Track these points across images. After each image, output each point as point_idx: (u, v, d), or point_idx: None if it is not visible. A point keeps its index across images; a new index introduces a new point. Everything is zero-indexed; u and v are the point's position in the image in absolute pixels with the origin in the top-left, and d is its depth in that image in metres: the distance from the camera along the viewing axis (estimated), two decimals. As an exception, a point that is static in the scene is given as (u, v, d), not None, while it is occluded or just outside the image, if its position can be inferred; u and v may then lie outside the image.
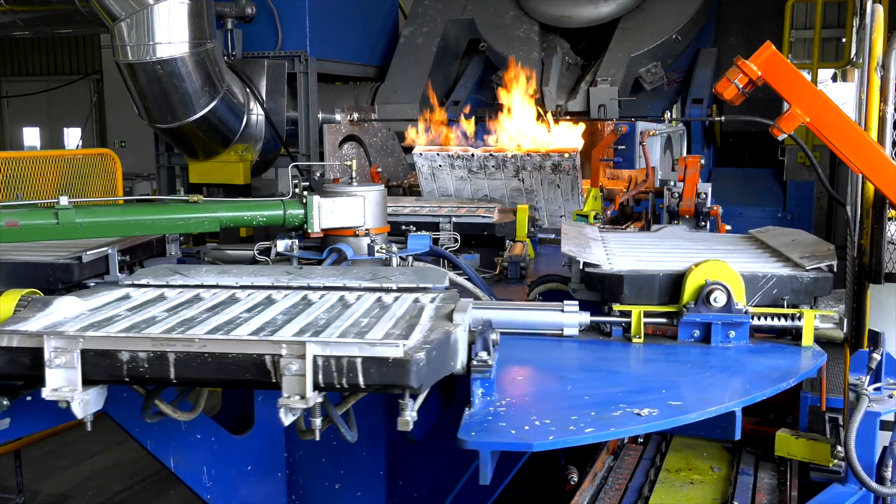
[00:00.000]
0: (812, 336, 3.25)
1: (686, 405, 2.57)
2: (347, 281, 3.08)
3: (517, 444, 2.34)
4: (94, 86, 18.08)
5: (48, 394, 2.16)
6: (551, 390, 2.75)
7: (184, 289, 3.03)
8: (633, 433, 2.59)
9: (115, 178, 6.85)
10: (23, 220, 3.55)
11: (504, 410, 2.48)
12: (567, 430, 2.35)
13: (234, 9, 8.08)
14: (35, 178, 6.18)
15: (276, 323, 2.51)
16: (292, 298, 2.89)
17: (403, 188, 6.84)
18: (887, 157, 3.34)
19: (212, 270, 3.26)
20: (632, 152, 6.19)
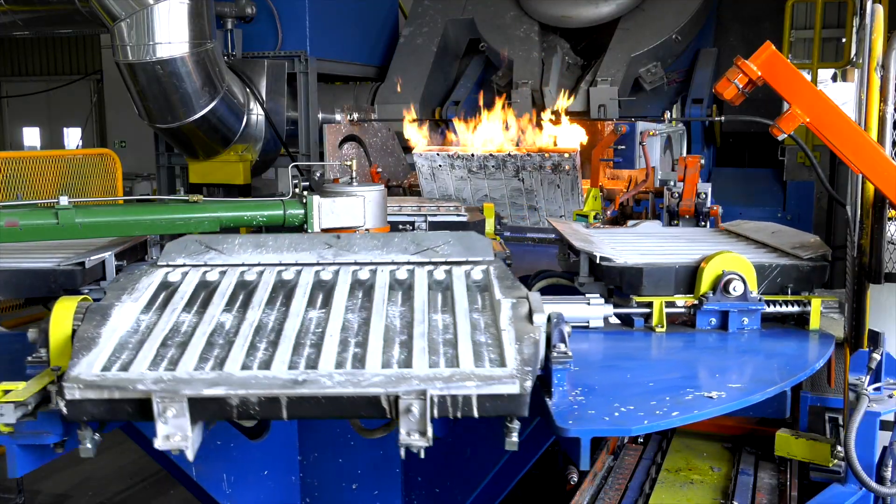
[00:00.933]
0: (819, 320, 3.49)
1: (746, 387, 2.74)
2: (394, 255, 2.96)
3: (616, 430, 2.55)
4: (94, 86, 18.08)
5: (161, 444, 2.09)
6: (614, 379, 2.84)
7: (225, 268, 2.88)
8: (713, 414, 2.66)
9: (115, 178, 6.85)
10: (23, 220, 3.55)
11: (583, 399, 2.59)
12: (655, 415, 2.48)
13: (234, 9, 8.08)
14: (35, 178, 6.18)
15: (353, 328, 2.47)
16: (345, 280, 2.78)
17: (403, 188, 6.84)
18: (887, 157, 3.34)
19: (246, 244, 3.02)
20: (632, 152, 6.19)
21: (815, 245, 3.78)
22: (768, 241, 3.93)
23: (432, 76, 8.39)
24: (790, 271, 3.47)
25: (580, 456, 2.38)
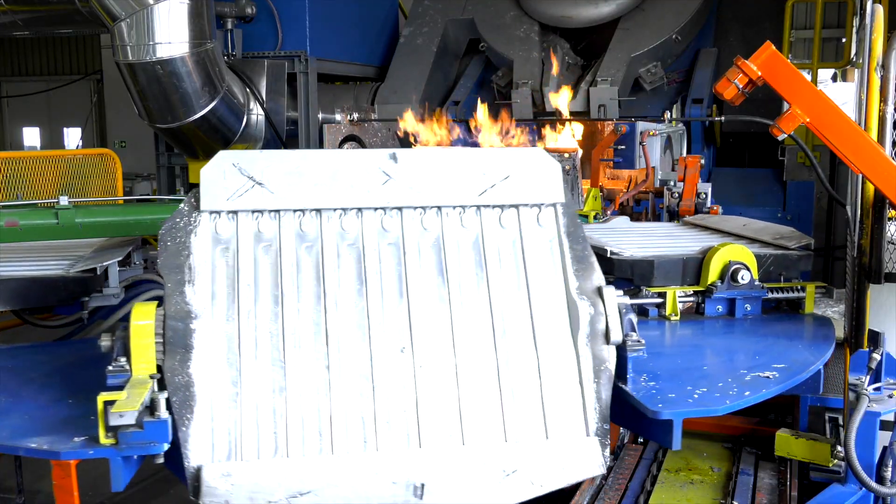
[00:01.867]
0: (812, 304, 3.74)
1: (790, 367, 2.97)
2: (460, 193, 2.60)
3: (705, 411, 2.60)
4: (94, 86, 18.08)
5: None
6: (669, 365, 2.95)
7: (277, 214, 2.54)
8: (777, 392, 2.85)
9: (115, 178, 6.85)
10: (23, 219, 3.56)
11: (655, 384, 2.70)
12: (730, 395, 2.64)
13: (234, 9, 8.08)
14: (35, 178, 6.18)
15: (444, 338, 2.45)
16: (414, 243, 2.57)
17: None
18: (887, 157, 3.34)
19: (292, 174, 2.54)
20: (632, 152, 6.19)
21: (795, 235, 4.01)
22: (744, 233, 4.11)
23: (432, 76, 8.39)
24: (782, 260, 3.70)
25: (673, 438, 2.49)
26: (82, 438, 2.29)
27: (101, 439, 2.24)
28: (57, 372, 2.96)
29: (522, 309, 2.55)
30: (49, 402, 2.62)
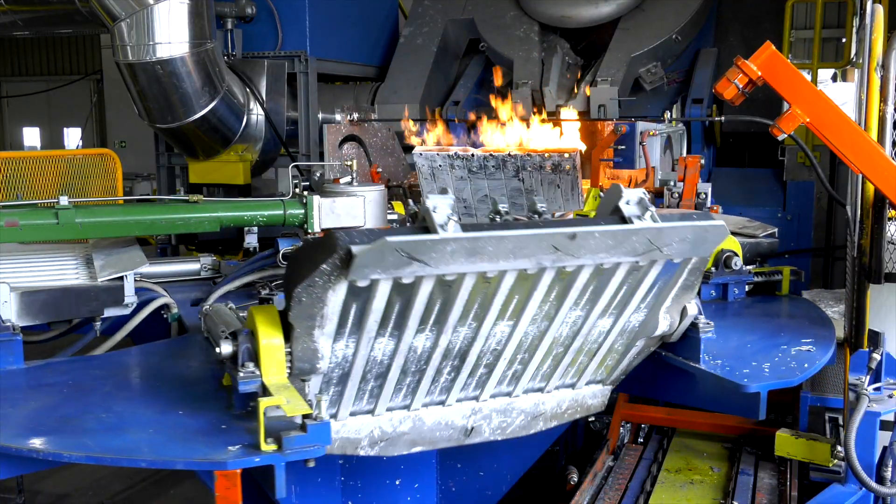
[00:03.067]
0: (788, 286, 4.14)
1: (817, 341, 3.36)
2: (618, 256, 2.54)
3: (785, 382, 2.93)
4: (94, 86, 18.07)
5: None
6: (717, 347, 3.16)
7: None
8: (826, 361, 3.19)
9: (115, 178, 6.82)
10: (23, 219, 3.55)
11: (721, 362, 2.98)
12: (792, 368, 3.02)
13: (234, 9, 8.07)
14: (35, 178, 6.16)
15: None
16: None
17: (403, 188, 6.83)
18: (887, 157, 3.34)
19: (458, 251, 2.30)
20: (632, 152, 6.18)
21: (757, 225, 4.48)
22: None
23: (432, 76, 8.38)
24: (755, 247, 4.13)
25: (760, 409, 2.81)
26: (237, 447, 2.26)
27: (262, 446, 2.21)
28: (142, 382, 2.92)
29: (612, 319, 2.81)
30: (159, 413, 2.58)
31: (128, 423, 2.49)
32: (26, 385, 2.83)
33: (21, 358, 2.95)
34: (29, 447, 2.26)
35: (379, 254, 2.23)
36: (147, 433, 2.42)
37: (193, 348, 3.25)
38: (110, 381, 2.91)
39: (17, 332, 2.98)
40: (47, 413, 2.57)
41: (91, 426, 2.46)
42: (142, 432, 2.42)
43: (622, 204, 2.56)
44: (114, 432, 2.41)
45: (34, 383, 2.85)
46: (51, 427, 2.45)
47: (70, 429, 2.44)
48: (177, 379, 2.93)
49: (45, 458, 2.27)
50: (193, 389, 2.80)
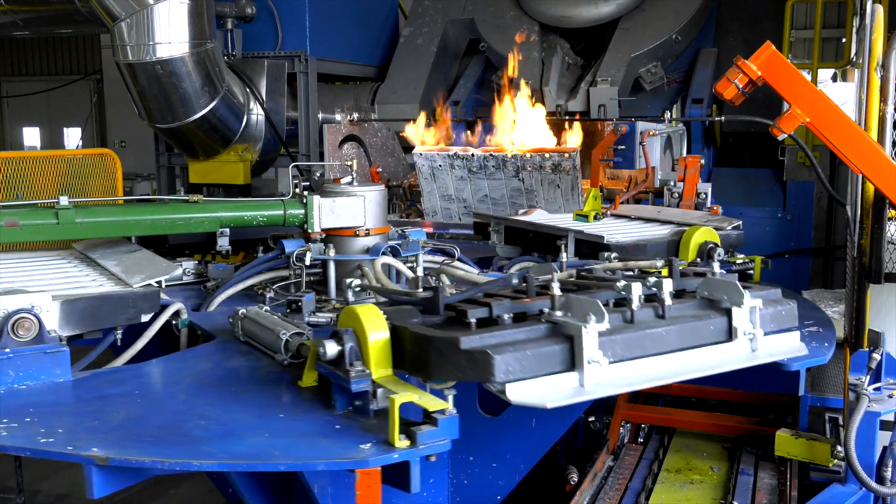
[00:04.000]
0: (759, 275, 4.13)
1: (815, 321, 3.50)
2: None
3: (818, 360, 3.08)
4: (94, 86, 18.08)
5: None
6: None
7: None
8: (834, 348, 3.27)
9: (115, 178, 6.83)
10: (23, 220, 3.55)
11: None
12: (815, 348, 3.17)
13: (234, 9, 8.07)
14: (35, 178, 6.17)
15: None
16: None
17: (403, 188, 6.83)
18: (887, 157, 3.34)
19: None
20: (632, 152, 6.19)
21: (720, 218, 4.59)
22: (671, 219, 4.62)
23: (432, 76, 8.39)
24: (726, 239, 4.16)
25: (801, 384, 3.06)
26: (369, 445, 2.26)
27: (395, 442, 2.23)
28: (211, 389, 2.83)
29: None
30: (257, 417, 2.55)
31: (237, 429, 2.44)
32: (90, 396, 2.71)
33: (69, 370, 2.84)
34: (153, 458, 2.19)
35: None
36: (264, 437, 2.37)
37: (232, 352, 3.18)
38: (176, 389, 2.83)
39: (64, 343, 2.86)
40: (139, 423, 2.48)
41: (199, 434, 2.39)
42: (258, 437, 2.38)
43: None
44: (230, 438, 2.36)
45: (95, 394, 2.73)
46: (157, 437, 2.36)
47: (178, 438, 2.36)
48: (244, 383, 2.86)
49: (172, 468, 2.19)
50: (271, 392, 2.76)
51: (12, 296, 2.82)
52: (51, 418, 2.49)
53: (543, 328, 2.47)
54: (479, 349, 2.30)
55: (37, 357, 2.78)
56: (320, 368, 2.57)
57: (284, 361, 2.95)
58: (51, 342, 2.81)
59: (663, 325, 2.61)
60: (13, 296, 2.82)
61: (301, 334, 2.97)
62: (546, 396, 2.33)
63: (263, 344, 3.11)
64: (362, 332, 2.44)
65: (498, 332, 2.40)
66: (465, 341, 2.31)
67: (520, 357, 2.33)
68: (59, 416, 2.53)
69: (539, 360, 2.36)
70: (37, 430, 2.39)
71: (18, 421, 2.46)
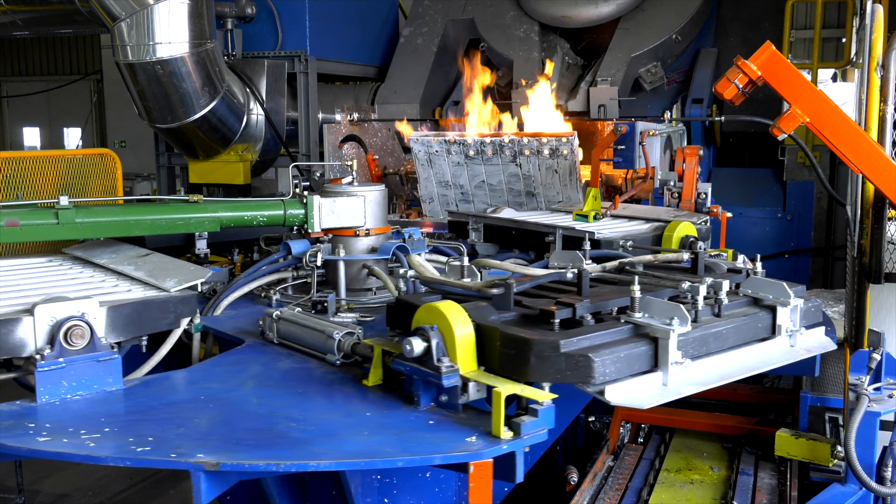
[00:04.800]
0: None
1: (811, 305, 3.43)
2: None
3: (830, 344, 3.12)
4: (94, 86, 18.07)
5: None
6: None
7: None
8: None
9: (115, 178, 6.82)
10: (23, 219, 3.55)
11: None
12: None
13: (234, 9, 8.07)
14: (35, 178, 6.16)
15: None
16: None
17: (400, 175, 6.83)
18: (887, 157, 3.34)
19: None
20: (632, 152, 6.18)
21: (688, 213, 4.90)
22: (636, 215, 4.90)
23: (432, 76, 8.39)
24: (699, 232, 4.40)
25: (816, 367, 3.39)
26: (474, 438, 2.33)
27: (500, 433, 2.29)
28: (278, 391, 2.81)
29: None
30: (345, 416, 2.58)
31: (334, 429, 2.45)
32: (159, 404, 2.66)
33: (120, 378, 2.77)
34: (268, 461, 2.20)
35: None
36: (364, 435, 2.39)
37: (273, 355, 3.17)
38: (242, 393, 2.79)
39: (115, 350, 2.78)
40: (228, 427, 2.46)
41: (298, 435, 2.39)
42: (359, 435, 2.40)
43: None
44: (333, 438, 2.37)
45: (163, 401, 2.68)
46: (257, 440, 2.35)
47: (280, 440, 2.36)
48: (307, 383, 2.85)
49: (288, 469, 2.22)
50: (340, 392, 2.78)
51: (61, 303, 2.70)
52: (132, 427, 2.44)
53: (627, 329, 2.56)
54: (580, 352, 2.38)
55: (90, 366, 2.69)
56: (399, 366, 2.61)
57: (337, 361, 2.97)
58: (103, 350, 2.72)
59: (722, 324, 2.74)
60: (62, 303, 2.70)
61: (352, 334, 2.99)
62: (639, 397, 2.44)
63: (307, 345, 3.12)
64: (448, 329, 2.49)
65: (591, 335, 2.48)
66: (564, 344, 2.39)
67: (614, 359, 2.41)
68: (138, 424, 2.47)
69: (630, 361, 2.46)
70: (124, 439, 2.34)
71: (98, 431, 2.40)
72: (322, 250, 3.99)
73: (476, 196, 5.91)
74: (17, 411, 2.55)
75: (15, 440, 2.32)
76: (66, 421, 2.47)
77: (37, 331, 2.63)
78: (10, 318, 2.64)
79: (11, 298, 2.98)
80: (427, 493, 3.08)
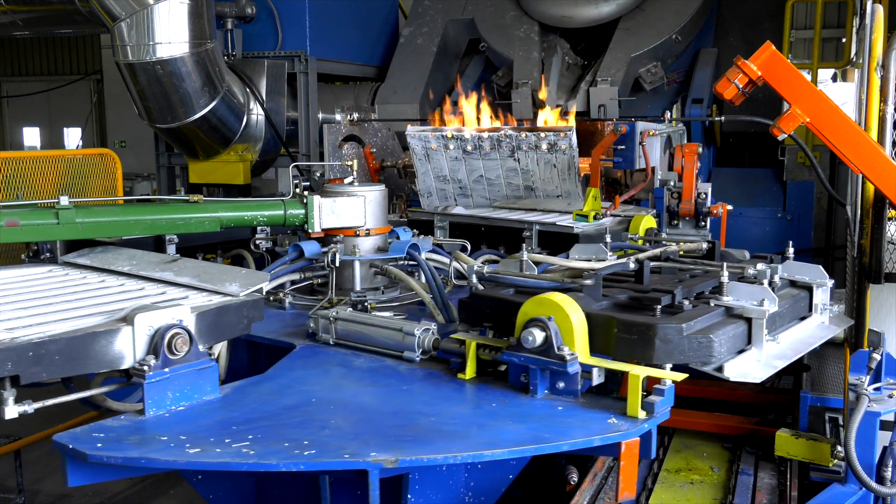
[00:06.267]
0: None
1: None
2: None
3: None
4: (94, 86, 18.07)
5: None
6: None
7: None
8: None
9: (115, 178, 6.83)
10: (23, 219, 3.55)
11: None
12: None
13: (234, 9, 8.08)
14: (35, 178, 6.17)
15: None
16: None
17: (398, 168, 6.83)
18: (887, 157, 3.34)
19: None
20: (632, 152, 6.17)
21: (633, 207, 5.30)
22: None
23: (432, 76, 8.39)
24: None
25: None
26: (612, 419, 2.48)
27: (635, 413, 2.48)
28: (377, 390, 2.83)
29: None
30: (473, 407, 2.66)
31: (478, 421, 2.50)
32: (275, 409, 2.61)
33: (217, 386, 2.72)
34: (445, 454, 2.27)
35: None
36: (510, 424, 2.46)
37: (341, 355, 3.19)
38: (349, 393, 2.78)
39: (213, 357, 2.72)
40: (370, 425, 2.48)
41: (450, 428, 2.43)
42: (505, 424, 2.47)
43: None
44: (485, 429, 2.43)
45: (275, 406, 2.63)
46: (413, 435, 2.39)
47: (434, 434, 2.40)
48: (406, 381, 2.88)
49: (465, 460, 2.29)
50: (445, 386, 2.84)
51: (157, 311, 2.57)
52: (274, 432, 2.41)
53: (720, 312, 2.83)
54: (700, 333, 2.63)
55: (190, 375, 2.62)
56: (511, 357, 2.71)
57: (416, 358, 3.02)
58: (202, 357, 2.65)
59: (783, 304, 3.02)
60: (157, 311, 2.58)
61: (429, 330, 3.06)
62: (749, 372, 2.72)
63: (376, 344, 3.16)
64: (565, 319, 2.64)
65: (700, 318, 2.72)
66: (686, 327, 2.63)
67: (726, 339, 2.67)
68: (277, 429, 2.44)
69: (734, 340, 2.74)
70: (278, 444, 2.31)
71: (241, 439, 2.35)
72: (339, 251, 4.01)
73: (475, 190, 5.89)
74: (131, 426, 2.44)
75: (166, 454, 2.25)
76: (196, 431, 2.41)
77: (136, 341, 2.53)
78: (107, 329, 2.50)
79: (68, 312, 2.79)
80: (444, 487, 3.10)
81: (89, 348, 2.45)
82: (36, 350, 2.35)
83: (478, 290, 3.23)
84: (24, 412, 2.38)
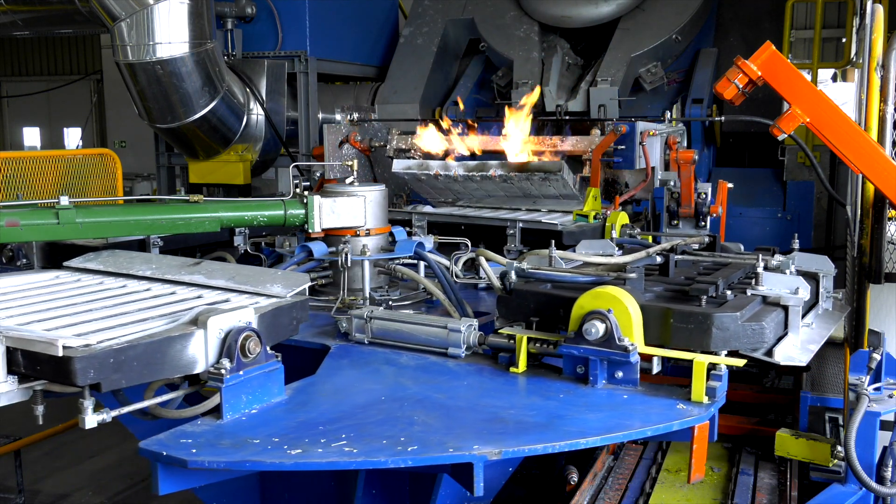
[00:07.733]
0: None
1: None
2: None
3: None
4: (94, 86, 18.08)
5: None
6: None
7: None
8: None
9: (115, 178, 6.84)
10: (23, 219, 3.55)
11: None
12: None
13: (234, 9, 8.08)
14: (35, 178, 6.18)
15: None
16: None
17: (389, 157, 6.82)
18: (887, 157, 3.34)
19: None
20: (632, 152, 6.17)
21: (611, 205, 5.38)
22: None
23: (432, 76, 8.38)
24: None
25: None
26: (679, 405, 2.60)
27: (700, 398, 2.61)
28: (433, 385, 2.84)
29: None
30: (544, 399, 2.70)
31: (557, 413, 2.57)
32: (348, 408, 2.61)
33: (283, 388, 2.71)
34: (544, 444, 2.36)
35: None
36: (587, 414, 2.55)
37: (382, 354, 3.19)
38: (414, 391, 2.79)
39: (278, 359, 2.71)
40: (455, 420, 2.50)
41: (533, 420, 2.50)
42: (582, 414, 2.55)
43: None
44: (565, 420, 2.51)
45: (348, 406, 2.63)
46: (502, 428, 2.44)
47: (521, 426, 2.46)
48: (460, 378, 2.91)
49: (562, 449, 2.37)
50: (501, 381, 2.89)
51: (225, 314, 2.55)
52: (364, 430, 2.42)
53: (758, 301, 2.98)
54: (753, 321, 2.79)
55: (261, 377, 2.61)
56: (570, 350, 2.79)
57: (462, 354, 3.05)
58: (270, 360, 2.65)
59: None
60: (226, 314, 2.55)
61: (472, 327, 3.09)
62: (793, 357, 2.87)
63: (417, 341, 3.18)
64: (624, 311, 2.76)
65: (748, 307, 2.86)
66: (740, 315, 2.77)
67: (772, 326, 2.84)
68: (365, 428, 2.45)
69: (776, 327, 2.90)
70: (376, 442, 2.32)
71: (333, 439, 2.35)
72: (350, 251, 4.02)
73: (473, 195, 5.90)
74: (214, 430, 2.44)
75: (270, 456, 2.24)
76: (285, 433, 2.40)
77: (208, 344, 2.51)
78: (182, 333, 2.48)
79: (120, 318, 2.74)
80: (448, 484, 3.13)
81: (166, 353, 2.43)
82: (116, 357, 2.31)
83: (517, 286, 3.25)
84: (102, 420, 2.37)
